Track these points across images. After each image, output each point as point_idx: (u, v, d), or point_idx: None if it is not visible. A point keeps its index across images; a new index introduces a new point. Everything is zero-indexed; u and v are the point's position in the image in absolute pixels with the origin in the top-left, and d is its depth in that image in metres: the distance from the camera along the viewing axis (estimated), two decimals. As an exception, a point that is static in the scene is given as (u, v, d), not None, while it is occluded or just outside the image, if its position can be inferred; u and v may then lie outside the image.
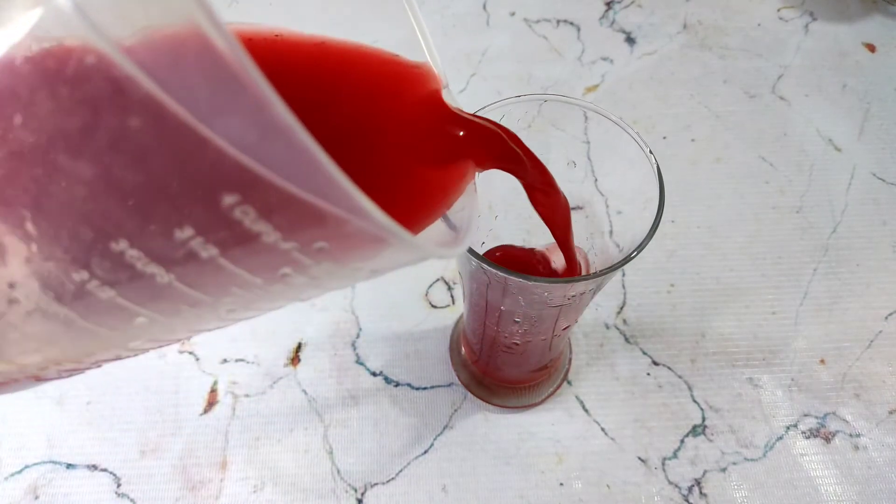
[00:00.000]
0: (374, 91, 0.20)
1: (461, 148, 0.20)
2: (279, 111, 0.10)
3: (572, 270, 0.26)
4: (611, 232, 0.29)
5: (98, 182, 0.11)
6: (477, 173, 0.21)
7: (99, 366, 0.17)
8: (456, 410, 0.40)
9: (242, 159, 0.11)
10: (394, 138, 0.19)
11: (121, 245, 0.12)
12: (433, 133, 0.20)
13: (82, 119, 0.11)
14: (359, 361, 0.42)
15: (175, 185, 0.11)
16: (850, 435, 0.39)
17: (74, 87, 0.11)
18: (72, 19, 0.10)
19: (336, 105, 0.19)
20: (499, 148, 0.20)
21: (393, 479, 0.38)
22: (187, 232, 0.12)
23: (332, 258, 0.13)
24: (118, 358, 0.16)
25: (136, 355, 0.16)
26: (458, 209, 0.20)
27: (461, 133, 0.20)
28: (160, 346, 0.16)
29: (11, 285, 0.13)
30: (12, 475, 0.38)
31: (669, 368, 0.41)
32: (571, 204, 0.24)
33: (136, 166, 0.11)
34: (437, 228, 0.19)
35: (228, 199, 0.11)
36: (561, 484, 0.38)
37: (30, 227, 0.12)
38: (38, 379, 0.16)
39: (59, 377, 0.17)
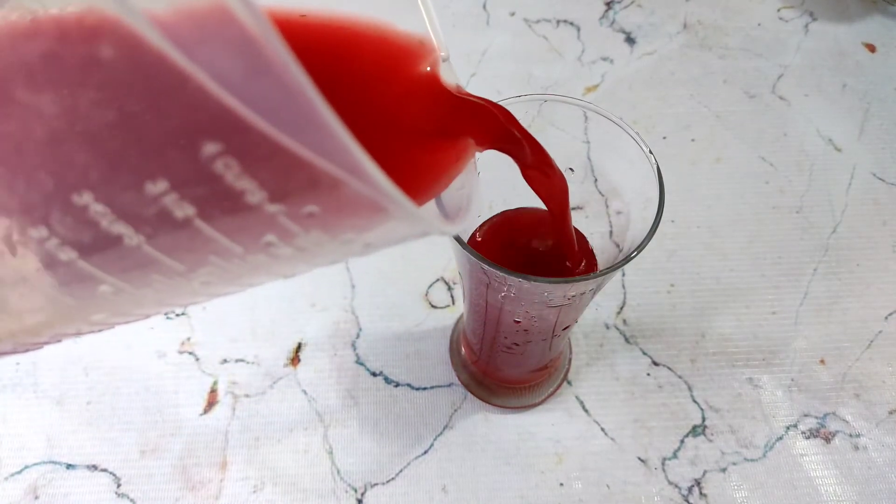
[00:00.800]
0: (366, 70, 0.18)
1: (458, 129, 0.19)
2: (272, 43, 0.09)
3: (570, 249, 0.26)
4: (611, 232, 0.29)
5: (61, 119, 0.10)
6: (477, 153, 0.20)
7: (59, 340, 0.15)
8: (456, 410, 0.40)
9: (227, 100, 0.09)
10: (389, 118, 0.18)
11: (84, 198, 0.10)
12: (430, 114, 0.19)
13: (45, 45, 0.10)
14: (359, 361, 0.42)
15: (149, 128, 0.10)
16: (850, 435, 0.39)
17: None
18: None
19: (325, 85, 0.18)
20: (495, 131, 0.20)
21: (393, 479, 0.38)
22: (161, 186, 0.10)
23: (322, 226, 0.12)
24: (79, 333, 0.15)
25: (99, 331, 0.15)
26: (458, 187, 0.19)
27: (458, 115, 0.19)
28: (126, 322, 0.15)
29: None
30: (12, 475, 0.38)
31: (669, 368, 0.41)
32: (571, 204, 0.24)
33: (106, 103, 0.10)
34: (431, 211, 0.19)
35: (209, 149, 0.10)
36: (561, 484, 0.38)
37: None
38: None
39: (15, 351, 0.15)
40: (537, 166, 0.21)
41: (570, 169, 0.29)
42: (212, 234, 0.11)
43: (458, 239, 0.23)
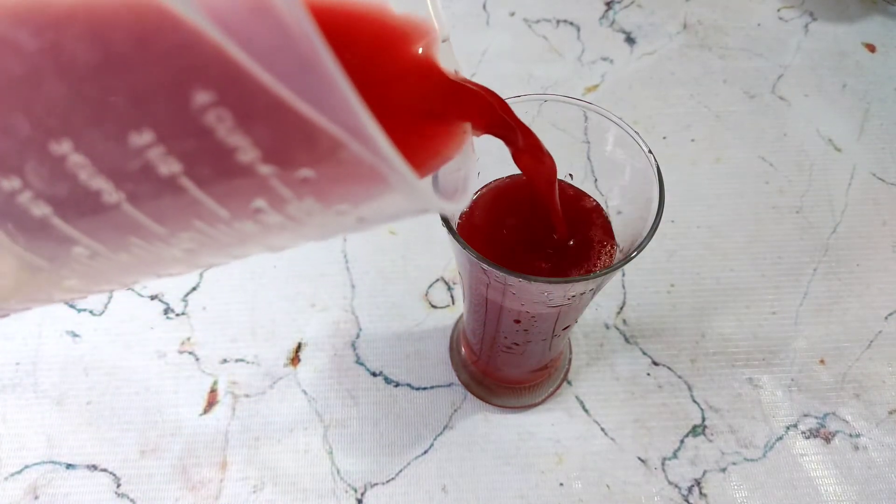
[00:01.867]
0: (361, 50, 0.17)
1: (452, 113, 0.19)
2: None
3: (560, 226, 0.26)
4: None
5: (41, 57, 0.09)
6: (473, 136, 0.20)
7: (28, 308, 0.14)
8: (456, 410, 0.40)
9: (223, 43, 0.08)
10: (384, 98, 0.17)
11: (63, 146, 0.10)
12: (424, 96, 0.19)
13: None
14: (359, 361, 0.42)
15: (138, 72, 0.09)
16: (850, 435, 0.39)
17: None
18: None
19: None
20: (488, 117, 0.20)
21: (393, 479, 0.38)
22: (146, 137, 0.10)
23: (316, 194, 0.11)
24: (49, 300, 0.14)
25: (71, 300, 0.13)
26: (455, 169, 0.19)
27: (452, 99, 0.19)
28: (101, 291, 0.14)
29: None
30: (12, 475, 0.38)
31: (669, 368, 0.41)
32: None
33: (92, 41, 0.09)
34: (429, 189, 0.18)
35: (201, 98, 0.09)
36: (561, 484, 0.38)
37: None
38: None
39: None
40: (529, 151, 0.21)
41: (570, 175, 0.29)
42: (197, 195, 0.10)
43: (459, 241, 0.23)
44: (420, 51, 0.19)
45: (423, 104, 0.18)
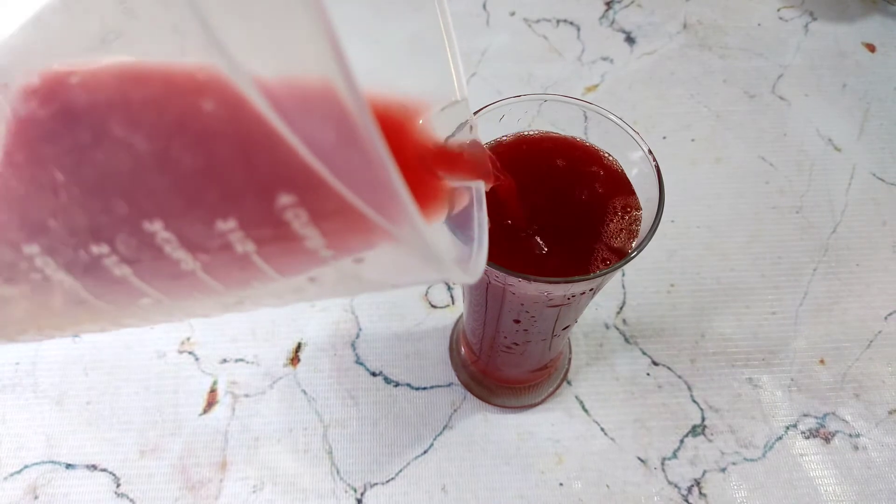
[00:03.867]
0: (392, 145, 0.20)
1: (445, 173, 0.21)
2: (364, 122, 0.09)
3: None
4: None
5: (151, 158, 0.11)
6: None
7: (78, 335, 0.16)
8: (456, 410, 0.40)
9: (312, 162, 0.10)
10: (409, 180, 0.20)
11: (155, 226, 0.11)
12: (429, 168, 0.21)
13: (150, 91, 0.11)
14: (358, 361, 0.42)
15: (233, 176, 0.11)
16: (850, 435, 0.39)
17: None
18: None
19: None
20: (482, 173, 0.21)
21: (393, 479, 0.38)
22: (230, 224, 0.11)
23: (365, 270, 0.13)
24: (102, 331, 0.16)
25: (118, 329, 0.16)
26: (467, 222, 0.20)
27: (441, 165, 0.21)
28: (148, 325, 0.16)
29: (16, 244, 0.12)
30: (12, 475, 0.38)
31: (669, 368, 0.41)
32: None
33: (199, 149, 0.11)
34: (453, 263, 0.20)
35: (285, 199, 0.11)
36: (561, 484, 0.38)
37: (62, 193, 0.11)
38: (12, 340, 0.15)
39: (31, 340, 0.16)
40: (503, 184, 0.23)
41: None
42: (262, 267, 0.12)
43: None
44: (420, 122, 0.21)
45: (428, 172, 0.20)
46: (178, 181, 0.11)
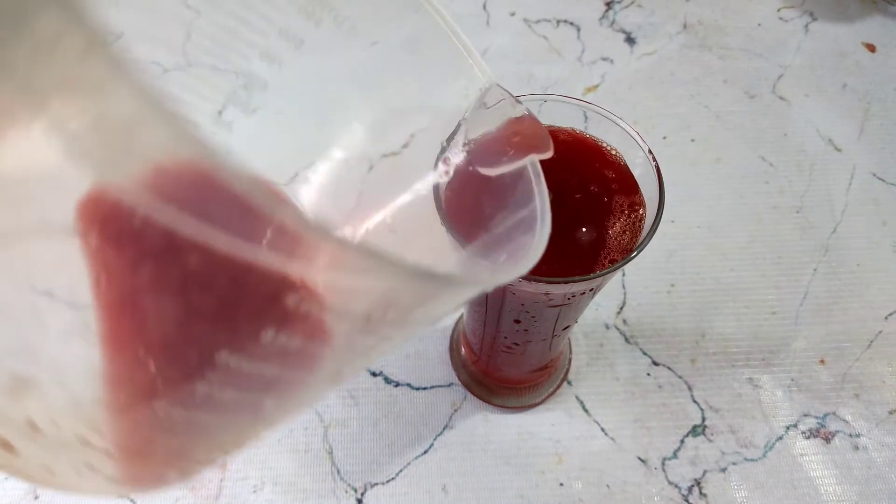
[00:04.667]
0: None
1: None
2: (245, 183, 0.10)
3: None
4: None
5: (180, 311, 0.12)
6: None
7: (245, 447, 0.17)
8: (456, 410, 0.40)
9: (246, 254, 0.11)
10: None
11: (223, 356, 0.13)
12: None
13: (153, 269, 0.12)
14: (359, 361, 0.42)
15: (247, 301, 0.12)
16: (850, 435, 0.39)
17: (136, 243, 0.12)
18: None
19: None
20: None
21: (393, 479, 0.38)
22: (268, 335, 0.13)
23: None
24: (260, 437, 0.17)
25: (274, 430, 0.17)
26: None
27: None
28: (296, 415, 0.18)
29: (155, 407, 0.14)
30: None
31: (669, 368, 0.41)
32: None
33: (206, 292, 0.12)
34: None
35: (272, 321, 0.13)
36: (561, 484, 0.38)
37: (150, 364, 0.13)
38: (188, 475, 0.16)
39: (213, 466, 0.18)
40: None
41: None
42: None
43: (460, 241, 0.23)
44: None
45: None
46: (209, 320, 0.13)
